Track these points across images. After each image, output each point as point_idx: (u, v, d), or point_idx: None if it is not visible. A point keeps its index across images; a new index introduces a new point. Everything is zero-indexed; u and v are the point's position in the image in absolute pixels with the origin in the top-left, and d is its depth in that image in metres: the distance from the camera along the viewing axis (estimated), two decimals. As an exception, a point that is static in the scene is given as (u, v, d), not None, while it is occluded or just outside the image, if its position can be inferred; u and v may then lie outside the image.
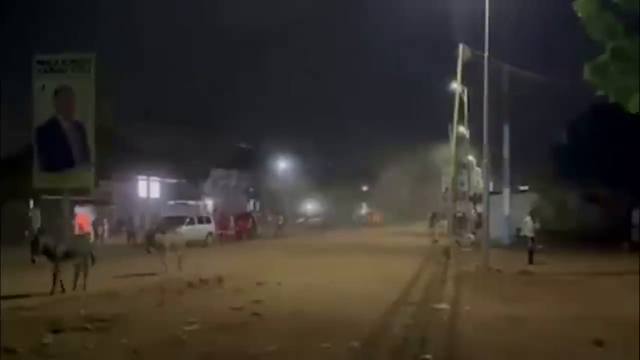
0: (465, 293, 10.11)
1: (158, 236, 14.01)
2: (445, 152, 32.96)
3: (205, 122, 45.13)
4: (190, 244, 20.82)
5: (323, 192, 53.30)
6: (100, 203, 28.88)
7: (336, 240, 26.61)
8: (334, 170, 55.97)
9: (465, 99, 26.12)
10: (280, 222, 32.74)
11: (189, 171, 39.68)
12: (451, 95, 25.35)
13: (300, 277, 12.26)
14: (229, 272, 12.79)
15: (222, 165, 46.43)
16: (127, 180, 33.22)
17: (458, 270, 13.68)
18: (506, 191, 21.23)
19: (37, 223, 22.99)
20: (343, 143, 58.41)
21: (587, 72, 8.41)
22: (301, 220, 46.49)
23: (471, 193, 31.81)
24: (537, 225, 15.46)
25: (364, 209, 60.34)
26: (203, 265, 14.58)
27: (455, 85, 24.28)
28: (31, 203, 25.62)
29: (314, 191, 54.51)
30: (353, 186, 59.08)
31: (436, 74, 50.29)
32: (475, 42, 18.44)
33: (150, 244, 14.11)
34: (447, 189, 33.20)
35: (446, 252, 17.48)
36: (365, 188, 64.92)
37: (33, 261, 13.86)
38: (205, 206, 40.61)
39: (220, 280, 11.38)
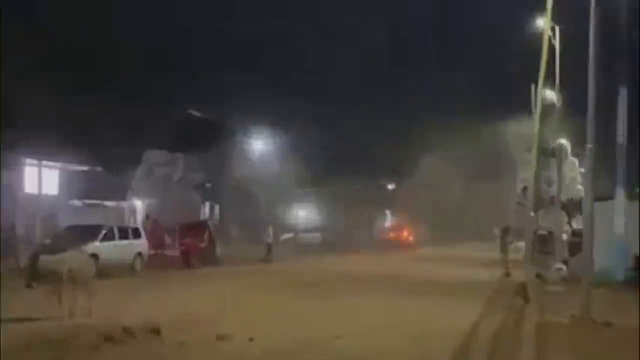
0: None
1: (45, 259, 13.71)
2: (522, 132, 32.86)
3: (136, 80, 45.18)
4: (108, 271, 21.03)
5: (324, 193, 53.42)
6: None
7: (343, 268, 27.24)
8: (343, 159, 55.97)
9: (557, 44, 26.00)
10: (270, 240, 32.79)
11: (107, 154, 39.71)
12: (531, 41, 25.27)
13: (287, 328, 12.40)
14: (172, 317, 13.02)
15: (162, 146, 46.52)
16: (7, 167, 33.15)
17: (541, 322, 13.76)
18: (620, 196, 20.92)
19: None
20: (357, 119, 58.32)
21: None
22: (288, 236, 46.71)
23: (563, 198, 31.76)
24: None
25: (387, 220, 60.56)
26: (129, 305, 14.91)
27: (541, 23, 24.15)
28: None
29: (309, 191, 54.68)
30: (372, 184, 59.28)
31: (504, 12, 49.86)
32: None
33: (33, 272, 13.83)
34: (524, 189, 33.16)
35: (522, 291, 17.59)
36: (391, 186, 65.15)
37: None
38: (133, 210, 40.67)
39: (155, 330, 11.47)
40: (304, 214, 55.81)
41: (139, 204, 42.90)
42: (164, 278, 23.02)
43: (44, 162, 35.55)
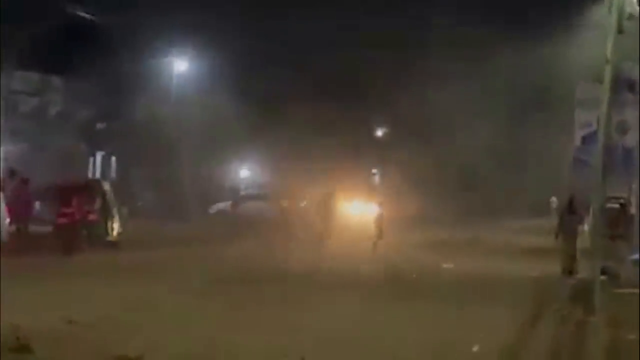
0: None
1: None
2: (583, 57, 32.86)
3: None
4: None
5: (279, 142, 53.19)
6: None
7: (307, 259, 27.58)
8: (309, 91, 55.70)
9: None
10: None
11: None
12: None
13: (220, 344, 12.63)
14: (47, 329, 13.09)
15: (29, 66, 45.92)
16: None
17: (612, 340, 13.90)
18: None
19: None
20: (334, 31, 57.76)
21: None
22: (223, 205, 46.83)
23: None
24: None
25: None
26: None
27: None
28: None
29: (252, 137, 54.50)
30: (354, 129, 59.31)
31: None
32: None
33: None
34: (585, 138, 33.24)
35: (583, 296, 17.95)
36: (380, 133, 65.30)
37: None
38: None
39: (25, 348, 11.58)
40: (248, 173, 55.85)
41: (-4, 154, 42.53)
42: (33, 269, 22.70)
43: None
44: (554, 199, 29.86)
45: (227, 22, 51.68)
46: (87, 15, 50.54)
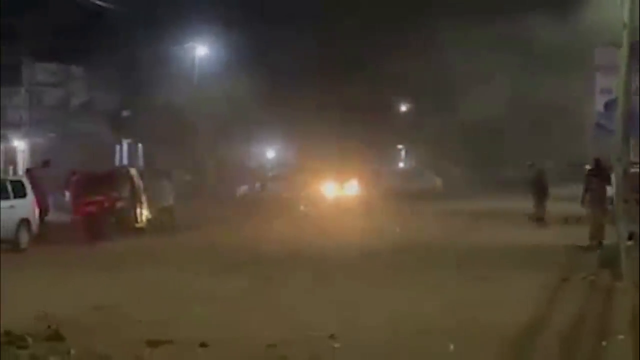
0: None
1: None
2: (601, 17, 32.56)
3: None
4: None
5: (299, 120, 53.18)
6: None
7: (335, 235, 27.65)
8: (333, 70, 55.52)
9: None
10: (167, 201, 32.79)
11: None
12: None
13: (254, 328, 12.55)
14: (79, 315, 13.14)
15: (48, 56, 45.99)
16: None
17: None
18: None
19: None
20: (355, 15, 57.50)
21: None
22: (247, 187, 46.78)
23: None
24: None
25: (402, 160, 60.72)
26: (11, 298, 14.95)
27: None
28: None
29: (277, 118, 54.47)
30: (379, 106, 59.10)
31: None
32: None
33: None
34: (608, 104, 33.00)
35: (609, 262, 17.80)
36: (404, 108, 65.05)
37: None
38: (12, 153, 40.51)
39: (56, 336, 11.57)
40: (274, 154, 55.79)
41: (21, 145, 42.71)
42: (62, 258, 22.93)
43: None
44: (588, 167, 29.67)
45: (247, 5, 51.73)
46: (107, 5, 50.50)
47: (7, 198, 24.52)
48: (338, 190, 43.69)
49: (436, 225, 31.74)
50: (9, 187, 25.14)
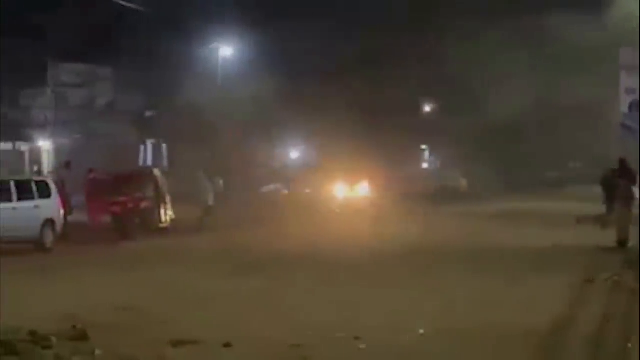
0: None
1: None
2: (626, 13, 32.42)
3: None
4: (2, 246, 21.24)
5: (324, 121, 53.08)
6: None
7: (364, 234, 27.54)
8: (350, 66, 55.48)
9: None
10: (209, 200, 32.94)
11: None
12: None
13: (275, 328, 12.58)
14: (103, 316, 13.15)
15: (73, 56, 46.16)
16: None
17: None
18: None
19: None
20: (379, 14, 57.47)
21: None
22: (271, 187, 46.78)
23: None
24: None
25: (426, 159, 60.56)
26: (37, 298, 15.08)
27: None
28: None
29: (300, 119, 54.45)
30: (403, 106, 59.02)
31: None
32: None
33: None
34: (631, 106, 32.86)
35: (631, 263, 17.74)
36: (428, 108, 64.94)
37: None
38: (38, 154, 40.71)
39: (81, 336, 11.59)
40: (298, 155, 55.75)
41: (46, 145, 42.89)
42: (89, 257, 23.06)
43: None
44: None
45: (270, 6, 51.79)
46: (132, 5, 50.65)
47: (32, 198, 24.66)
48: (349, 192, 43.37)
49: (458, 227, 31.60)
50: (34, 188, 25.28)
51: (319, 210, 37.91)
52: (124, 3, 48.00)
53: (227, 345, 11.17)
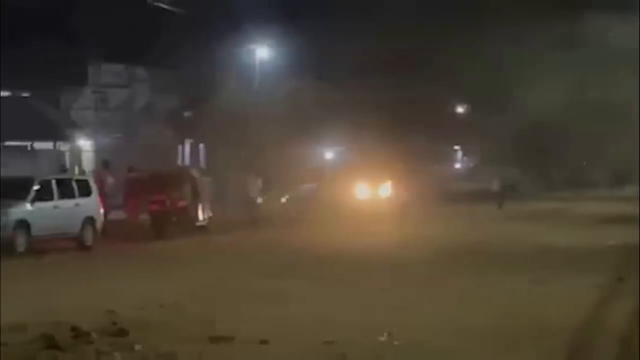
0: None
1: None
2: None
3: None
4: (44, 246, 21.43)
5: (357, 122, 53.05)
6: None
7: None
8: (384, 68, 55.31)
9: None
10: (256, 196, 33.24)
11: (35, 71, 39.75)
12: None
13: (314, 326, 12.50)
14: (143, 313, 13.19)
15: (113, 57, 46.35)
16: None
17: None
18: None
19: None
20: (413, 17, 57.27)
21: None
22: (306, 187, 46.70)
23: None
24: None
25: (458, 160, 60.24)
26: (78, 295, 15.25)
27: None
28: None
29: (334, 120, 54.39)
30: (437, 107, 58.91)
31: None
32: None
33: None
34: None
35: None
36: (461, 110, 64.75)
37: None
38: (78, 154, 40.91)
39: (120, 332, 11.64)
40: (332, 155, 55.62)
41: (86, 145, 43.10)
42: (129, 254, 23.27)
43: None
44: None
45: (308, 8, 51.78)
46: (171, 7, 50.89)
47: (73, 196, 24.91)
48: (380, 192, 42.90)
49: (490, 227, 31.51)
50: (75, 186, 25.53)
51: (353, 210, 37.76)
52: (163, 5, 48.32)
53: (263, 342, 11.15)
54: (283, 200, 38.65)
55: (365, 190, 40.40)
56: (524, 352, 11.01)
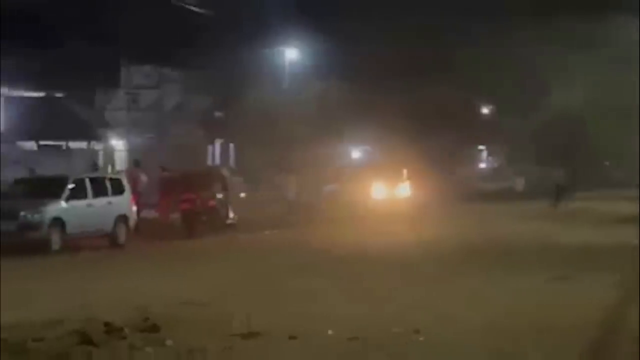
0: None
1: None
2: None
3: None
4: (78, 243, 21.66)
5: (384, 122, 53.03)
6: None
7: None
8: (411, 69, 55.24)
9: None
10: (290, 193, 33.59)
11: (70, 73, 39.97)
12: None
13: (343, 322, 12.50)
14: (175, 310, 13.25)
15: (145, 59, 46.52)
16: None
17: None
18: None
19: None
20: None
21: None
22: (333, 187, 46.77)
23: None
24: None
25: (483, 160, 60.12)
26: (111, 292, 15.42)
27: None
28: None
29: (362, 120, 54.45)
30: (463, 109, 58.73)
31: None
32: None
33: None
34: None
35: None
36: (486, 111, 64.51)
37: None
38: (111, 153, 41.14)
39: (152, 327, 11.72)
40: (359, 154, 55.59)
41: (119, 144, 43.32)
42: (160, 252, 23.46)
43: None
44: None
45: (335, 11, 51.75)
46: (201, 10, 50.99)
47: (106, 195, 25.12)
48: (404, 191, 42.57)
49: (513, 226, 31.39)
50: (108, 185, 25.74)
51: (374, 209, 37.64)
52: (194, 8, 48.43)
53: (292, 337, 11.22)
54: (311, 199, 38.72)
55: (385, 190, 40.41)
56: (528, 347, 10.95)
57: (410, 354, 10.73)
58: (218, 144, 50.55)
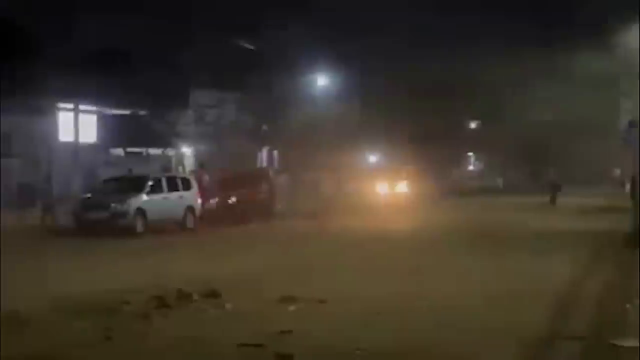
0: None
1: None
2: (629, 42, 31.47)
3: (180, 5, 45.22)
4: (157, 228, 21.86)
5: (395, 134, 52.86)
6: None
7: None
8: (417, 91, 55.00)
9: None
10: (322, 189, 33.77)
11: (150, 95, 40.17)
12: None
13: (370, 288, 12.56)
14: (231, 280, 13.23)
15: (208, 85, 46.72)
16: (37, 112, 33.73)
17: None
18: None
19: None
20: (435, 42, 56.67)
21: None
22: (355, 187, 46.63)
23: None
24: None
25: (471, 164, 59.86)
26: (182, 265, 15.63)
27: None
28: None
29: (375, 133, 54.31)
30: (451, 122, 58.45)
31: None
32: None
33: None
34: (630, 123, 32.23)
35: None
36: (474, 125, 64.28)
37: None
38: (181, 158, 41.31)
39: (214, 293, 11.68)
40: (375, 159, 55.50)
41: (188, 151, 43.48)
42: (220, 235, 23.54)
43: (81, 107, 35.88)
44: (617, 170, 28.94)
45: (354, 48, 51.72)
46: (252, 47, 51.15)
47: (178, 190, 25.32)
48: (409, 190, 42.10)
49: (500, 215, 31.15)
50: (179, 182, 25.98)
51: (386, 204, 37.39)
52: (246, 45, 48.71)
53: (322, 301, 11.22)
54: (337, 194, 38.86)
55: (390, 188, 40.37)
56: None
57: (423, 319, 10.53)
58: (265, 150, 50.55)
